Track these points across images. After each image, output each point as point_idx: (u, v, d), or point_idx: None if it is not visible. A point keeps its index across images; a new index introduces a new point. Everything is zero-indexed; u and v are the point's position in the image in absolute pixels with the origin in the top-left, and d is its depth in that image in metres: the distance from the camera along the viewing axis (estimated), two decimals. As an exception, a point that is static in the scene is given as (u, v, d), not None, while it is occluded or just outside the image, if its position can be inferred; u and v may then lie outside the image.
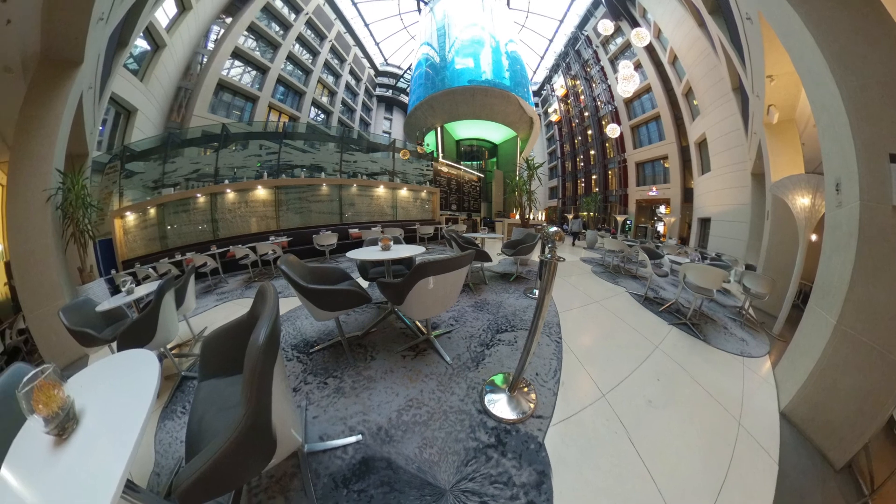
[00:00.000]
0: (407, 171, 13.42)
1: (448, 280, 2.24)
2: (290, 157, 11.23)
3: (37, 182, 4.16)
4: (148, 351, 1.29)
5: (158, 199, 8.91)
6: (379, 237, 3.66)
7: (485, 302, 3.93)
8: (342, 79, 26.71)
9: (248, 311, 1.63)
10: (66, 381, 1.04)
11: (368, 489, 1.56)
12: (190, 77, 14.74)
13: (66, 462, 0.90)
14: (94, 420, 1.01)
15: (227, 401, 1.50)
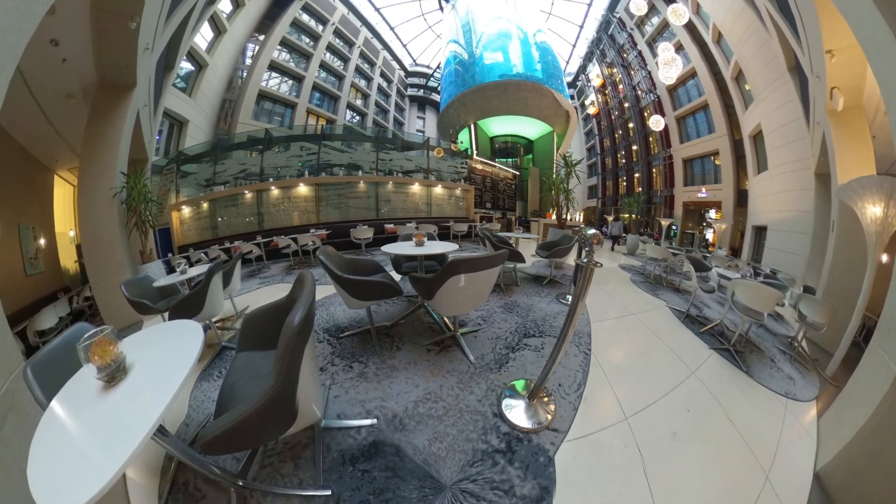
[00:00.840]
0: (441, 168, 13.44)
1: (479, 279, 2.21)
2: (329, 157, 11.92)
3: (104, 183, 4.91)
4: (195, 322, 1.41)
5: (210, 195, 10.06)
6: (413, 233, 3.64)
7: (515, 304, 3.79)
8: (374, 82, 27.38)
9: (287, 294, 1.77)
10: (121, 340, 1.19)
11: (373, 471, 1.61)
12: (233, 90, 16.44)
13: (110, 404, 1.03)
14: (141, 373, 1.14)
15: (260, 371, 1.62)
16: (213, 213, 9.93)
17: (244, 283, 5.53)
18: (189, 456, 1.32)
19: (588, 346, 2.87)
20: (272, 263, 7.77)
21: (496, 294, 4.13)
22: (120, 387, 1.09)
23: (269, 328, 1.74)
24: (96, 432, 0.97)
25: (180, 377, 1.04)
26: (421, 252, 3.13)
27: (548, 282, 4.84)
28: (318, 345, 2.82)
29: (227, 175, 10.65)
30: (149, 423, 0.89)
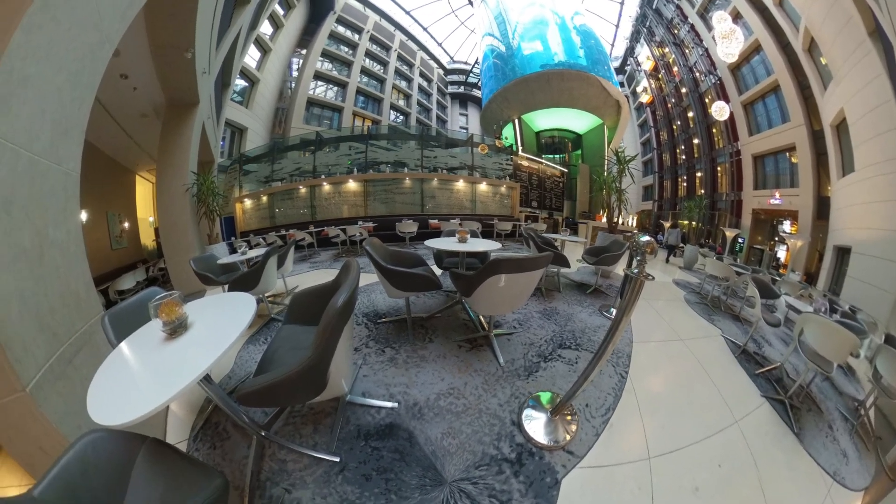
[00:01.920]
0: (486, 165, 13.23)
1: (520, 280, 2.13)
2: (376, 155, 12.49)
3: (177, 180, 5.91)
4: (249, 295, 1.58)
5: (269, 190, 11.53)
6: (456, 229, 3.61)
7: (554, 311, 3.57)
8: (414, 82, 27.47)
9: (334, 279, 1.90)
10: (185, 304, 1.38)
11: (382, 450, 1.67)
12: (284, 99, 18.47)
13: (169, 352, 1.21)
14: (198, 331, 1.31)
15: (300, 343, 1.76)
16: (271, 205, 11.37)
17: (296, 266, 6.10)
18: (226, 403, 1.49)
19: (626, 369, 2.60)
20: (322, 250, 8.49)
21: (536, 298, 3.92)
22: (179, 340, 1.27)
23: (314, 307, 1.85)
24: (152, 372, 1.16)
25: (231, 338, 1.19)
26: (463, 249, 3.11)
27: (592, 291, 4.46)
28: (356, 327, 2.95)
29: (283, 172, 12.01)
30: (198, 371, 1.03)
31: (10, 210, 1.45)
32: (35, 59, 1.56)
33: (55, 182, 1.77)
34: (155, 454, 1.10)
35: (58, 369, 1.56)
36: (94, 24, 1.99)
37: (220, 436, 1.81)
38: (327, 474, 1.56)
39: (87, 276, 2.01)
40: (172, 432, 1.89)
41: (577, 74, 18.17)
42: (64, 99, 1.81)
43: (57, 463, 0.98)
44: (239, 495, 1.48)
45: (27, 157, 1.55)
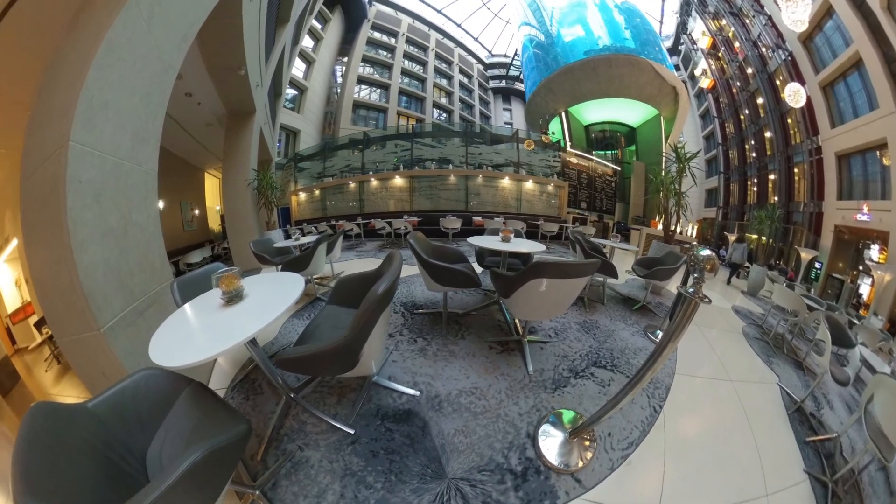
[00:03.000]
0: (532, 162, 12.77)
1: (562, 287, 2.02)
2: (421, 153, 12.77)
3: (241, 176, 7.00)
4: (299, 275, 1.78)
5: (321, 185, 12.68)
6: (500, 228, 3.47)
7: (594, 324, 3.31)
8: (454, 79, 27.50)
9: (377, 267, 1.96)
10: (243, 278, 1.60)
11: (395, 432, 1.74)
12: (331, 104, 20.44)
13: (224, 316, 1.42)
14: (251, 302, 1.50)
15: (340, 322, 1.88)
16: (323, 198, 12.45)
17: (343, 254, 6.54)
18: (265, 364, 1.69)
19: (661, 402, 2.28)
20: (368, 241, 8.95)
21: (576, 308, 3.65)
22: (234, 308, 1.46)
23: (357, 291, 1.98)
24: (207, 330, 1.38)
25: (278, 311, 1.34)
26: (506, 248, 3.03)
27: (639, 307, 4.01)
28: (393, 315, 3.05)
29: (334, 169, 12.99)
30: (246, 334, 1.19)
31: (101, 200, 1.86)
32: (110, 88, 1.94)
33: (137, 178, 2.21)
34: (196, 394, 1.28)
35: (130, 319, 1.94)
36: (156, 56, 2.39)
37: (255, 391, 2.09)
38: (340, 443, 1.69)
39: (161, 251, 2.41)
40: (215, 380, 2.24)
41: (625, 59, 16.31)
42: (140, 115, 2.24)
43: (114, 386, 1.23)
44: (258, 442, 1.68)
45: (112, 161, 1.97)
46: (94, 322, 1.70)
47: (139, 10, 2.08)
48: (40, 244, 1.80)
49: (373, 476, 1.53)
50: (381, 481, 1.51)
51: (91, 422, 1.11)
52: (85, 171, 1.77)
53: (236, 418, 1.15)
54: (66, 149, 1.66)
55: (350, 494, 1.46)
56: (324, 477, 1.53)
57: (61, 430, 1.00)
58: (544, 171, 12.83)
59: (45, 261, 1.78)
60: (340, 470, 1.55)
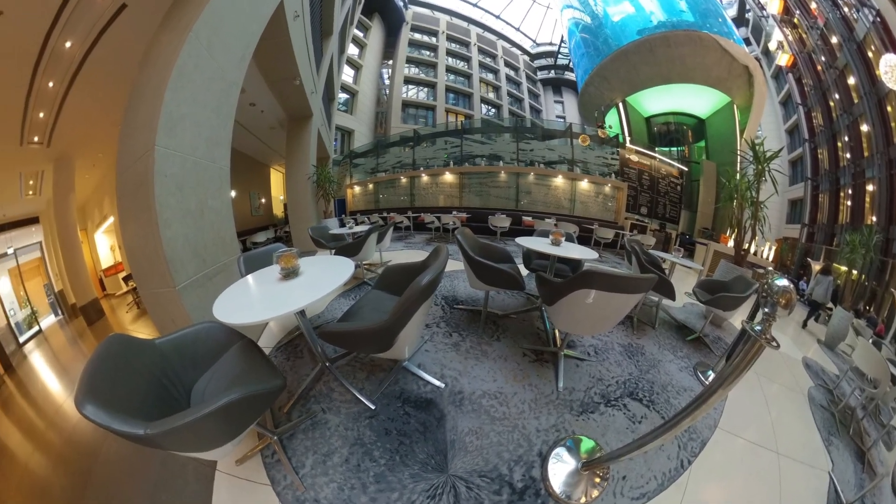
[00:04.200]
0: (588, 159, 11.90)
1: (612, 301, 1.84)
2: (471, 149, 12.76)
3: (302, 171, 8.03)
4: (350, 260, 1.95)
5: (374, 179, 13.45)
6: (551, 230, 3.25)
7: (640, 350, 2.95)
8: (500, 73, 26.95)
9: (423, 259, 2.03)
10: (300, 258, 1.81)
11: (410, 416, 1.80)
12: (382, 104, 21.85)
13: (280, 289, 1.65)
14: (305, 279, 1.71)
15: (383, 307, 1.97)
16: (376, 192, 13.22)
17: (392, 244, 6.86)
18: (309, 333, 1.89)
19: (691, 457, 1.97)
20: (417, 234, 9.19)
21: (623, 328, 3.29)
22: (289, 283, 1.68)
23: (402, 280, 2.07)
24: (264, 298, 1.62)
25: (328, 289, 1.51)
26: (555, 252, 2.86)
27: (694, 339, 3.46)
28: (434, 307, 3.08)
29: (386, 165, 13.70)
30: (297, 305, 1.39)
31: (182, 189, 2.31)
32: (185, 104, 2.36)
33: (212, 173, 2.68)
34: (245, 349, 1.51)
35: (200, 282, 2.38)
36: (220, 76, 2.80)
37: (295, 354, 2.37)
38: (359, 414, 1.81)
39: (231, 230, 2.89)
40: (264, 340, 2.58)
41: (685, 36, 13.76)
42: (212, 123, 2.69)
43: (179, 331, 1.51)
44: (287, 397, 1.90)
45: (192, 160, 2.42)
46: (172, 281, 2.13)
47: (199, 41, 2.43)
48: (132, 221, 2.29)
49: (379, 451, 1.61)
50: (386, 458, 1.58)
51: (154, 354, 1.37)
52: (169, 167, 2.19)
53: (275, 374, 1.32)
54: (153, 151, 2.08)
55: (354, 462, 1.57)
56: (336, 440, 1.67)
57: (129, 355, 1.24)
58: (601, 169, 11.86)
59: (135, 233, 2.28)
60: (352, 438, 1.67)
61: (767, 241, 14.11)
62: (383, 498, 1.44)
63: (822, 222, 13.91)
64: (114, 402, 0.99)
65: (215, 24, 2.57)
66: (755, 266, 6.27)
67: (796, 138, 16.30)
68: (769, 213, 5.63)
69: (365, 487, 1.47)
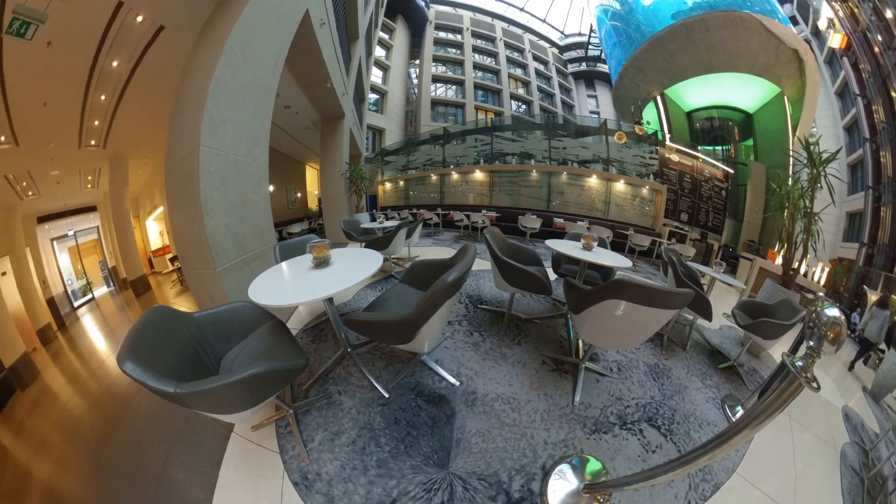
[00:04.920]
0: (625, 158, 10.99)
1: (642, 315, 1.70)
2: (502, 147, 12.56)
3: (335, 168, 8.46)
4: (379, 253, 2.03)
5: (405, 177, 13.77)
6: (583, 233, 3.10)
7: (666, 372, 2.70)
8: (529, 67, 26.00)
9: (450, 257, 2.06)
10: (332, 249, 1.94)
11: (421, 409, 1.84)
12: (411, 103, 22.35)
13: (311, 276, 1.78)
14: (335, 269, 1.83)
15: (407, 300, 2.02)
16: (406, 189, 13.57)
17: (421, 240, 7.03)
18: (335, 320, 2.04)
19: (700, 500, 1.79)
20: (445, 231, 9.36)
21: (651, 346, 3.05)
22: (321, 271, 1.82)
23: (428, 276, 2.12)
24: (296, 284, 1.75)
25: (356, 279, 1.61)
26: (586, 257, 2.69)
27: (727, 367, 3.10)
28: (457, 304, 3.09)
29: (417, 163, 13.91)
30: (326, 293, 1.51)
31: (225, 183, 2.54)
32: (226, 109, 2.57)
33: (252, 170, 2.93)
34: (274, 328, 1.67)
35: (239, 265, 2.62)
36: (256, 83, 3.01)
37: (320, 338, 2.54)
38: (372, 401, 1.89)
39: (269, 221, 3.15)
40: (292, 321, 2.81)
41: (724, 17, 12.18)
42: (251, 125, 2.94)
43: (217, 307, 1.70)
44: (308, 376, 2.05)
45: (233, 158, 2.66)
46: (213, 264, 2.36)
47: (234, 53, 2.65)
48: (180, 211, 2.56)
49: (385, 438, 1.67)
50: (391, 446, 1.63)
51: (192, 325, 1.55)
52: (213, 164, 2.42)
53: (299, 353, 1.44)
54: (198, 151, 2.31)
55: (360, 444, 1.64)
56: (347, 422, 1.76)
57: (169, 324, 1.42)
58: (638, 170, 10.85)
59: (182, 221, 2.54)
60: (362, 422, 1.75)
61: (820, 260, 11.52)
62: (381, 483, 1.48)
63: (882, 242, 11.15)
64: (151, 363, 1.12)
65: (247, 36, 2.78)
66: (804, 290, 5.34)
67: (856, 137, 13.05)
68: (824, 227, 4.88)
69: (366, 470, 1.53)
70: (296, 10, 3.73)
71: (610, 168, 10.92)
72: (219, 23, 2.84)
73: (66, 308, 7.40)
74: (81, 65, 4.14)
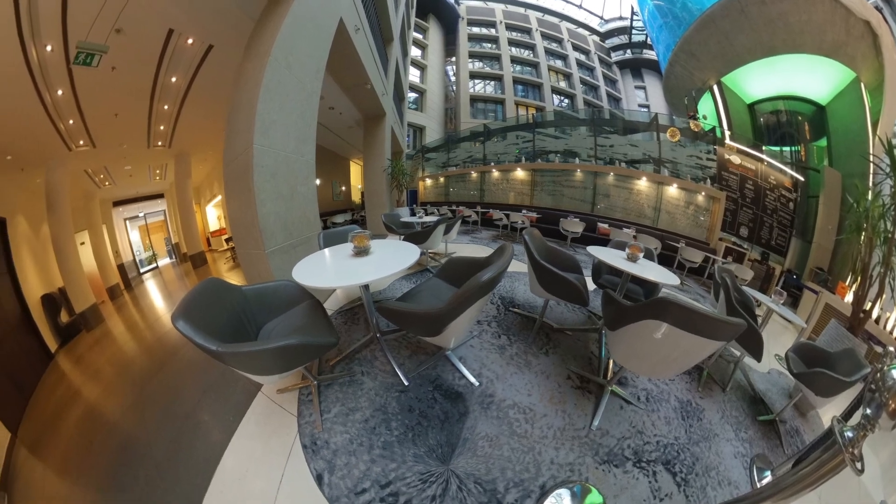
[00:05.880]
0: (678, 158, 9.65)
1: (683, 343, 1.49)
2: (544, 144, 11.93)
3: (378, 164, 8.85)
4: (417, 247, 2.11)
5: (445, 173, 13.93)
6: (629, 242, 2.80)
7: (697, 413, 2.32)
8: (569, 58, 24.40)
9: (487, 256, 2.04)
10: (372, 240, 2.07)
11: (436, 402, 1.89)
12: (450, 101, 22.39)
13: (350, 263, 1.93)
14: (374, 258, 1.96)
15: (440, 295, 2.06)
16: (446, 185, 13.76)
17: (458, 237, 7.12)
18: (369, 306, 2.14)
19: None
20: (484, 229, 9.30)
21: (687, 379, 2.66)
22: (360, 259, 1.95)
23: (462, 273, 2.14)
24: (336, 269, 1.91)
25: (393, 270, 1.70)
26: (629, 269, 2.42)
27: (767, 420, 2.62)
28: (489, 305, 3.05)
29: (457, 160, 13.92)
30: (363, 280, 1.67)
31: (276, 177, 2.84)
32: (275, 112, 2.85)
33: (301, 165, 3.23)
34: (312, 307, 1.86)
35: (285, 249, 2.91)
36: (301, 88, 3.28)
37: (353, 320, 2.73)
38: (391, 386, 1.99)
39: (315, 211, 3.48)
40: (329, 303, 3.08)
41: None
42: (299, 125, 3.23)
43: (263, 283, 1.94)
44: (336, 353, 2.24)
45: (283, 154, 2.96)
46: (263, 246, 2.67)
47: (278, 62, 2.90)
48: (236, 199, 2.91)
49: (396, 423, 1.74)
50: (399, 431, 1.70)
51: (239, 296, 1.78)
52: (265, 160, 2.70)
53: (331, 332, 1.59)
54: (252, 148, 2.60)
55: (371, 424, 1.73)
56: (363, 401, 1.88)
57: (220, 293, 1.64)
58: (693, 172, 9.44)
59: (237, 208, 2.89)
60: (378, 404, 1.86)
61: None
62: (382, 463, 1.55)
63: None
64: (199, 323, 1.30)
65: (289, 47, 3.02)
66: (873, 339, 4.22)
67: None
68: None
69: (371, 448, 1.61)
70: (331, 19, 3.95)
71: (662, 169, 9.73)
72: (262, 37, 3.14)
73: (133, 273, 9.19)
74: (145, 82, 4.87)
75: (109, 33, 3.67)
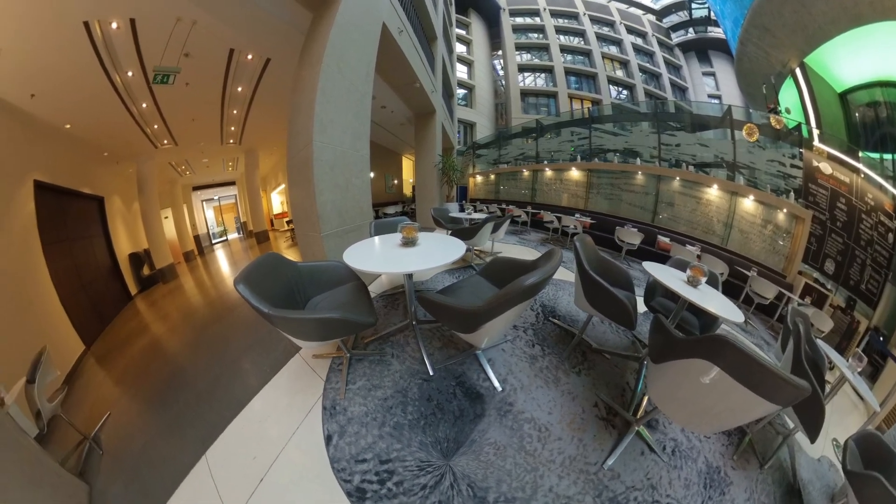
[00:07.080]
0: (756, 163, 7.54)
1: (733, 396, 1.25)
2: (602, 141, 10.52)
3: (429, 160, 9.19)
4: (463, 243, 2.19)
5: (496, 170, 13.75)
6: (692, 262, 2.48)
7: (723, 485, 1.84)
8: (624, 43, 21.98)
9: (534, 259, 1.99)
10: (420, 232, 2.19)
11: (455, 398, 1.93)
12: (500, 96, 21.85)
13: (398, 253, 2.07)
14: (421, 250, 2.08)
15: (480, 293, 2.07)
16: (497, 183, 13.54)
17: (506, 236, 7.07)
18: (410, 294, 2.26)
19: None
20: (533, 231, 9.04)
21: (725, 440, 2.13)
22: (407, 249, 2.08)
23: (506, 274, 2.14)
24: (384, 256, 2.06)
25: (437, 263, 1.81)
26: (687, 295, 2.04)
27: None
28: (528, 310, 2.94)
29: (508, 157, 13.49)
30: (407, 269, 1.79)
31: (333, 169, 3.14)
32: (331, 112, 3.14)
33: (356, 159, 3.54)
34: (357, 288, 2.07)
35: (339, 234, 3.21)
36: (353, 90, 3.53)
37: (393, 305, 2.94)
38: (416, 373, 2.09)
39: (368, 201, 3.80)
40: (374, 286, 3.34)
41: None
42: (354, 124, 3.53)
43: (316, 262, 2.23)
44: (372, 333, 2.44)
45: (340, 150, 3.26)
46: (319, 230, 2.97)
47: (331, 68, 3.15)
48: (297, 188, 3.26)
49: (412, 408, 1.84)
50: (413, 417, 1.78)
51: (294, 270, 2.06)
52: (324, 155, 3.00)
53: (371, 313, 1.75)
54: (312, 145, 2.89)
55: (389, 403, 1.87)
56: (388, 381, 2.02)
57: (277, 266, 1.94)
58: (774, 182, 7.26)
59: (298, 195, 3.25)
60: (400, 386, 1.98)
61: None
62: (387, 440, 1.65)
63: None
64: (257, 289, 1.52)
65: (339, 53, 3.28)
66: None
67: None
68: None
69: (382, 425, 1.73)
70: (374, 25, 4.14)
71: (736, 176, 7.89)
72: (313, 47, 3.43)
73: (206, 243, 11.68)
74: (215, 93, 5.85)
75: (179, 57, 4.44)
